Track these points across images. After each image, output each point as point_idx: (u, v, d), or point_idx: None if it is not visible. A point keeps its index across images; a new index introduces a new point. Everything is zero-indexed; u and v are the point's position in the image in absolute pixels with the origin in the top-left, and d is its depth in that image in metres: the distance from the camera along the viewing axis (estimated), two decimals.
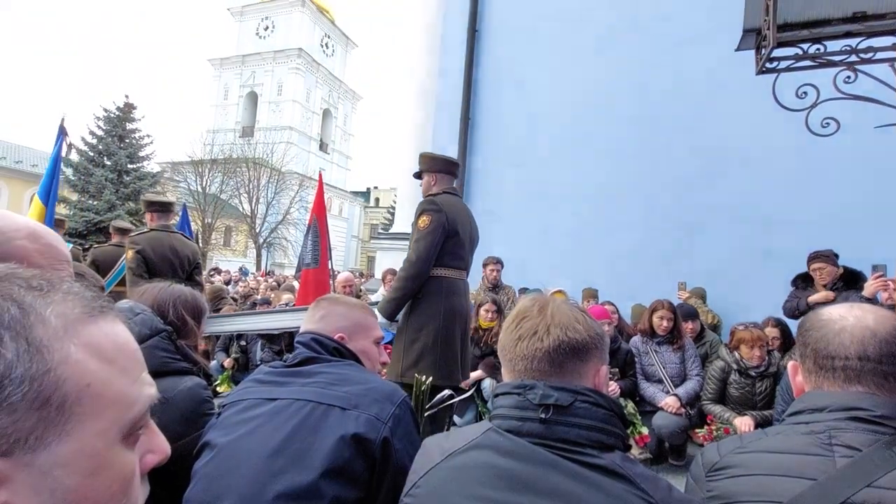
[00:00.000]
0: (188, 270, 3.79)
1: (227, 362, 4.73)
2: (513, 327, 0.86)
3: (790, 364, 0.97)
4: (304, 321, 1.31)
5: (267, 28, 38.49)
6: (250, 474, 0.94)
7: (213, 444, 1.04)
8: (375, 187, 50.71)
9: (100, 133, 21.41)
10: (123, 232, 5.00)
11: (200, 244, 22.30)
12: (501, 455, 0.76)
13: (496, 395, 0.85)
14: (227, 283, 10.93)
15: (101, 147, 21.18)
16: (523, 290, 4.90)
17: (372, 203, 48.59)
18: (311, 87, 38.41)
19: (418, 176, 2.81)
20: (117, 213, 19.73)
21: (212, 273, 13.35)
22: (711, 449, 0.91)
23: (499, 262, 4.84)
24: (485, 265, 4.90)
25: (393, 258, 7.71)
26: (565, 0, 6.34)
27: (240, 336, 4.89)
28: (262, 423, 1.02)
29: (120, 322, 0.49)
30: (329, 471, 0.93)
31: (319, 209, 4.08)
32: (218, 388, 4.46)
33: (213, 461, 1.01)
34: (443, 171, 2.72)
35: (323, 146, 40.14)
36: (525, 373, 0.83)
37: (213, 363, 4.98)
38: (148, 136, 22.64)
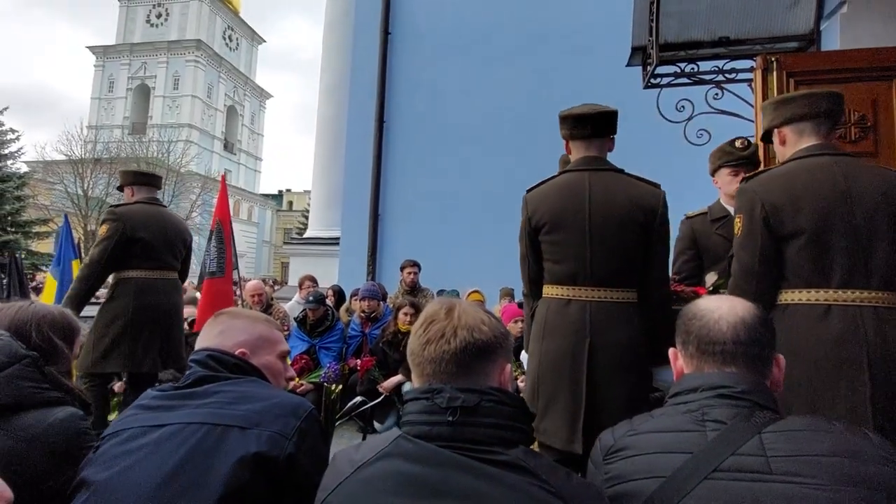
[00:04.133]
0: None
1: (118, 386, 4.23)
2: (420, 331, 0.86)
3: (670, 351, 1.08)
4: (201, 337, 1.20)
5: (160, 16, 35.23)
6: None
7: (88, 482, 0.91)
8: (288, 190, 48.47)
9: None
10: None
11: (82, 255, 19.77)
12: (410, 462, 0.75)
13: (406, 402, 0.85)
14: None
15: None
16: (441, 292, 4.97)
17: (285, 206, 46.35)
18: (213, 82, 35.81)
19: (120, 189, 3.18)
20: None
21: None
22: (607, 434, 0.99)
23: (415, 264, 4.86)
24: (402, 268, 4.89)
25: (309, 263, 7.44)
26: (475, 9, 6.54)
27: None
28: (148, 454, 0.92)
29: None
30: (227, 496, 0.87)
31: (223, 213, 3.81)
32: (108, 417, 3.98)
33: (88, 501, 0.89)
34: (137, 183, 3.12)
35: (228, 146, 37.58)
36: (433, 376, 0.83)
37: None
38: (13, 130, 19.71)
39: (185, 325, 4.46)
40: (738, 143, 2.26)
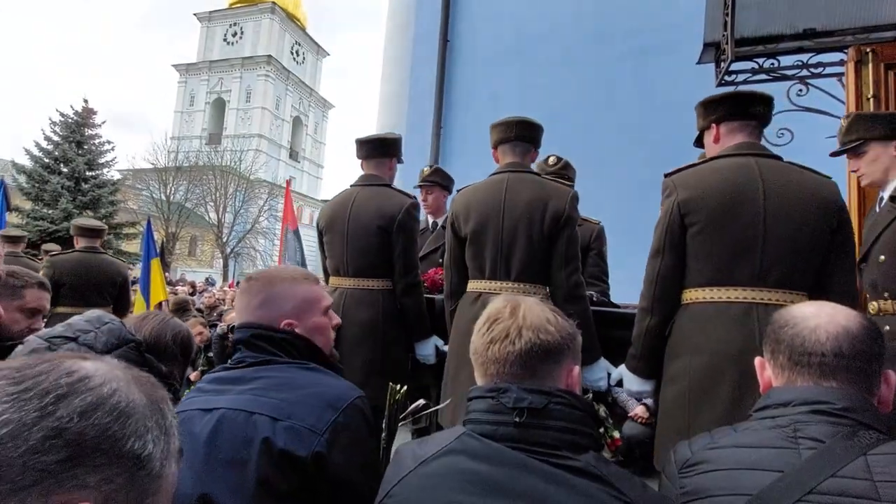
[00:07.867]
0: None
1: (194, 375, 4.54)
2: (484, 330, 0.84)
3: (756, 360, 0.99)
4: (240, 308, 1.13)
5: (235, 34, 37.82)
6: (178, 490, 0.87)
7: None
8: None
9: (56, 139, 20.43)
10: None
11: (164, 256, 21.50)
12: (475, 460, 0.74)
13: (469, 399, 0.84)
14: (192, 293, 10.56)
15: (57, 153, 20.20)
16: None
17: None
18: (281, 94, 37.88)
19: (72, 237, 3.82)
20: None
21: (179, 283, 12.84)
22: (684, 446, 0.92)
23: None
24: None
25: None
26: (534, 13, 6.48)
27: (207, 347, 4.72)
28: (197, 435, 0.93)
29: None
30: (261, 484, 0.87)
31: (287, 217, 4.05)
32: None
33: None
34: (80, 235, 3.70)
35: (293, 154, 39.54)
36: (498, 376, 0.82)
37: None
38: (108, 142, 21.77)
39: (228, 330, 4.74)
40: None
